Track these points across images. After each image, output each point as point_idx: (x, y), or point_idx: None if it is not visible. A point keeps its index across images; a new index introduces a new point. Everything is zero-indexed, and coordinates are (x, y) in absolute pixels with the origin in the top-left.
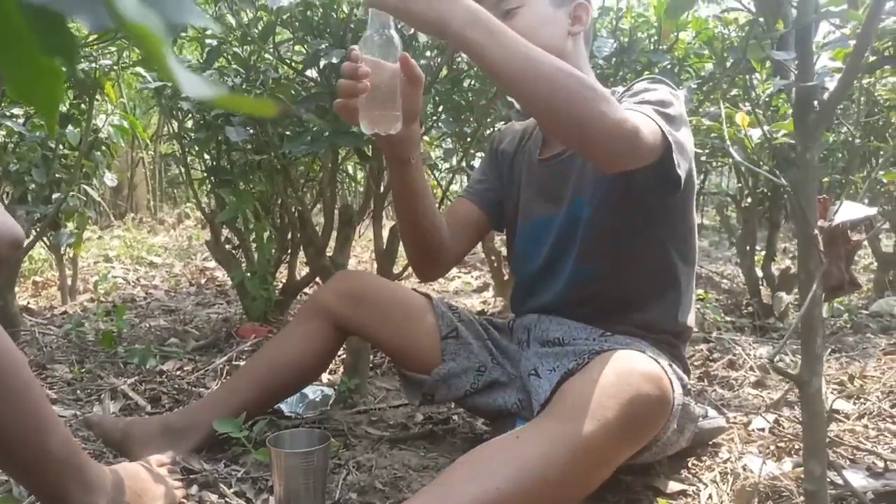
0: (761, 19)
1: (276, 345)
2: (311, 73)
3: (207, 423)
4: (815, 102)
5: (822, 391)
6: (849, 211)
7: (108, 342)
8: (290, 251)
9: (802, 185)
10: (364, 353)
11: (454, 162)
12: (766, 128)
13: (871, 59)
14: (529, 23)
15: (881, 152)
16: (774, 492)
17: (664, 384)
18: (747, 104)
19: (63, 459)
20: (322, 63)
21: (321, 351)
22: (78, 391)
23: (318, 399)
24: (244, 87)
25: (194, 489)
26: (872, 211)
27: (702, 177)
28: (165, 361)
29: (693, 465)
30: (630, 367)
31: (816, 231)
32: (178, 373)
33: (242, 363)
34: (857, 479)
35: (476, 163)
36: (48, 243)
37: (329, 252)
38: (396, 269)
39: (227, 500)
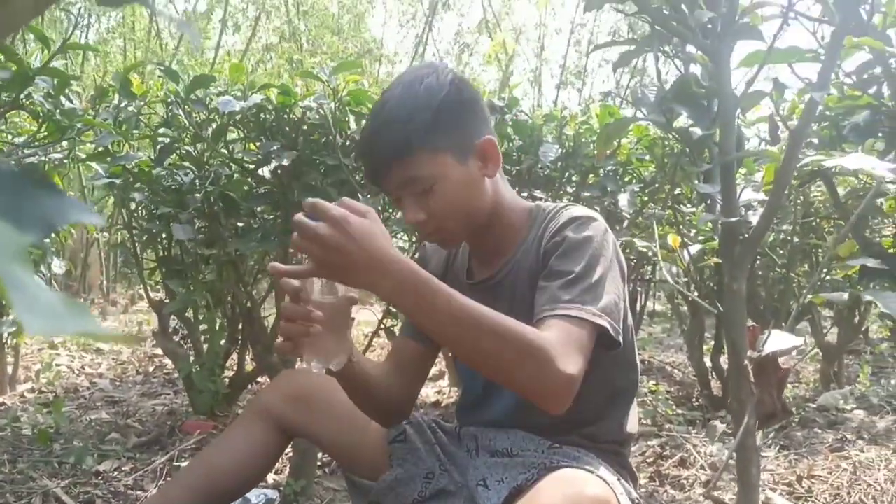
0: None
1: (215, 450)
2: (264, 171)
3: None
4: (740, 236)
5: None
6: (778, 341)
7: (44, 440)
8: (240, 343)
9: (731, 315)
10: (311, 453)
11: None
12: (695, 248)
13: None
14: (447, 196)
15: (820, 250)
16: None
17: None
18: (682, 222)
19: None
20: (273, 164)
21: (264, 455)
22: (8, 494)
23: (262, 503)
24: (196, 183)
25: None
26: (800, 341)
27: (650, 267)
28: (103, 461)
29: None
30: (580, 493)
31: (746, 361)
32: (115, 473)
33: (184, 463)
34: None
35: None
36: None
37: None
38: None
39: None
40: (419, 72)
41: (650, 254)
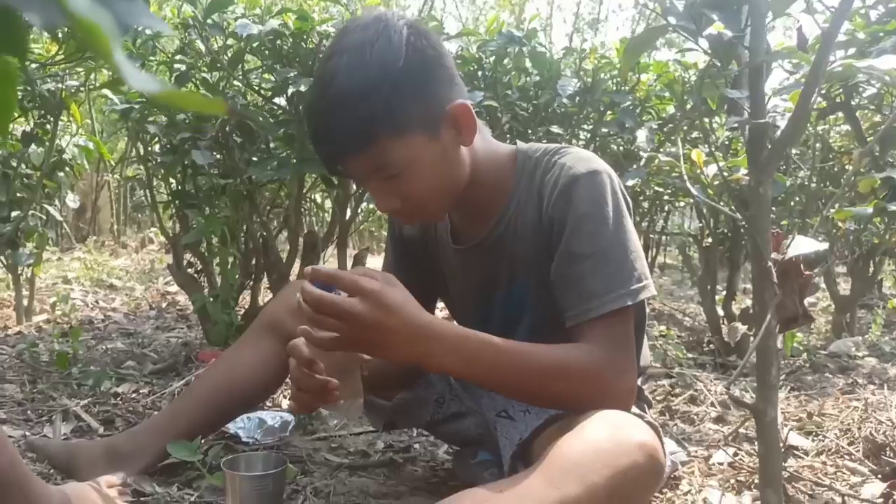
0: (716, 61)
1: (224, 363)
2: (280, 100)
3: (154, 446)
4: (768, 140)
5: (778, 421)
6: (801, 245)
7: (63, 363)
8: (253, 277)
9: (756, 219)
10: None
11: None
12: (720, 164)
13: (823, 104)
14: (423, 178)
15: (835, 196)
16: None
17: (658, 456)
18: (706, 146)
19: (8, 481)
20: (290, 91)
21: (273, 369)
22: (28, 412)
23: (276, 425)
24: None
25: None
26: (824, 245)
27: (664, 215)
28: (121, 384)
29: (654, 497)
30: (627, 435)
31: (770, 264)
32: (133, 395)
33: None
34: None
35: None
36: (5, 263)
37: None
38: None
39: None
40: (367, 32)
41: (667, 196)
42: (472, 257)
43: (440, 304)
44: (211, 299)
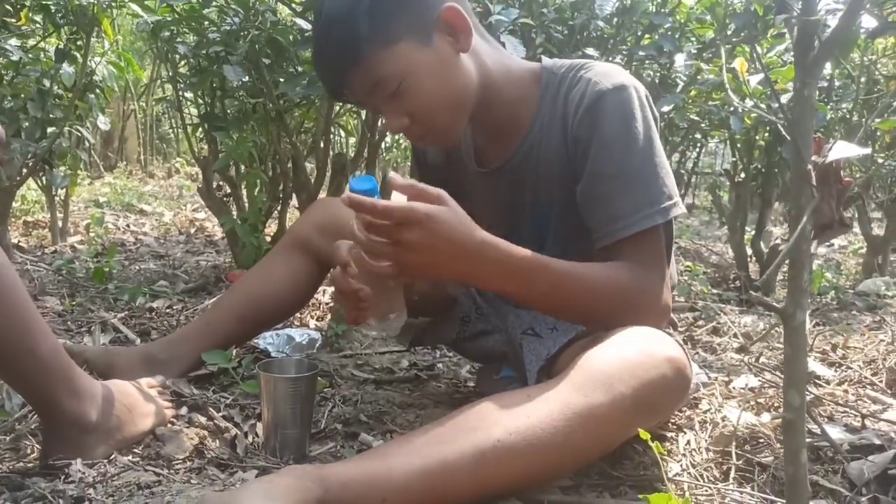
0: None
1: (254, 278)
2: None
3: (189, 355)
4: (816, 40)
5: (807, 325)
6: (843, 149)
7: (100, 278)
8: (281, 201)
9: (799, 120)
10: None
11: None
12: (766, 72)
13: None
14: (425, 90)
15: (878, 132)
16: (752, 437)
17: (686, 371)
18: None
19: (53, 366)
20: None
21: (302, 284)
22: (69, 322)
23: (304, 342)
24: (242, 27)
25: (184, 410)
26: (867, 150)
27: (695, 155)
28: (155, 300)
29: (674, 415)
30: (656, 348)
31: (810, 166)
32: (167, 310)
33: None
34: (835, 433)
35: None
36: (41, 184)
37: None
38: None
39: (216, 422)
40: None
41: (699, 152)
42: (495, 180)
43: None
44: (240, 222)
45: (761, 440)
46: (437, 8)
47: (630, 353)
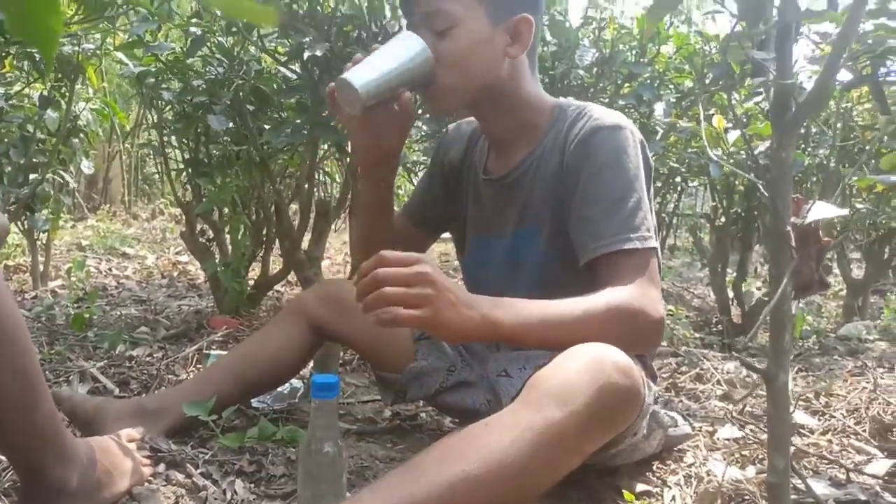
0: (742, 24)
1: (254, 341)
2: (295, 66)
3: (179, 408)
4: (792, 101)
5: (789, 386)
6: (821, 210)
7: (79, 325)
8: (264, 246)
9: (777, 182)
10: (335, 348)
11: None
12: (742, 131)
13: (849, 78)
14: (463, 45)
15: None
16: (738, 494)
17: (635, 376)
18: (726, 119)
19: (46, 431)
20: (305, 55)
21: (298, 351)
22: (47, 372)
23: (286, 391)
24: (227, 76)
25: (161, 468)
26: (844, 211)
27: (675, 197)
28: (135, 347)
29: (658, 468)
30: (602, 356)
31: (789, 228)
32: (147, 359)
33: (214, 352)
34: (820, 488)
35: None
36: (22, 228)
37: (304, 246)
38: None
39: (194, 480)
40: None
41: (680, 178)
42: (494, 189)
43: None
44: (222, 268)
45: (747, 497)
46: (519, 10)
47: (577, 365)
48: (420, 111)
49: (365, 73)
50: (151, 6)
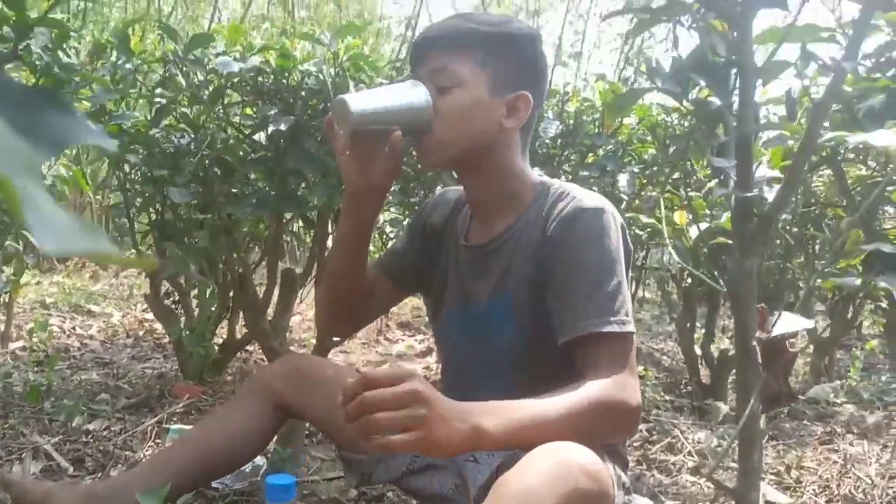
0: (702, 126)
1: (214, 420)
2: (260, 136)
3: (131, 495)
4: (755, 212)
5: (762, 442)
6: (787, 323)
7: (35, 397)
8: (231, 309)
9: (741, 295)
10: (300, 423)
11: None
12: (702, 226)
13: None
14: (462, 104)
15: (818, 241)
16: None
17: (604, 479)
18: (686, 189)
19: None
20: (271, 129)
21: (260, 430)
22: None
23: (248, 470)
24: (192, 146)
25: None
26: (811, 323)
27: (643, 253)
28: (93, 420)
29: None
30: (570, 460)
31: (755, 343)
32: (104, 433)
33: (173, 426)
34: None
35: None
36: None
37: (270, 314)
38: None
39: None
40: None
41: (645, 237)
42: (473, 255)
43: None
44: (187, 332)
45: None
46: (520, 88)
47: (544, 468)
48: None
49: (363, 98)
50: (113, 81)
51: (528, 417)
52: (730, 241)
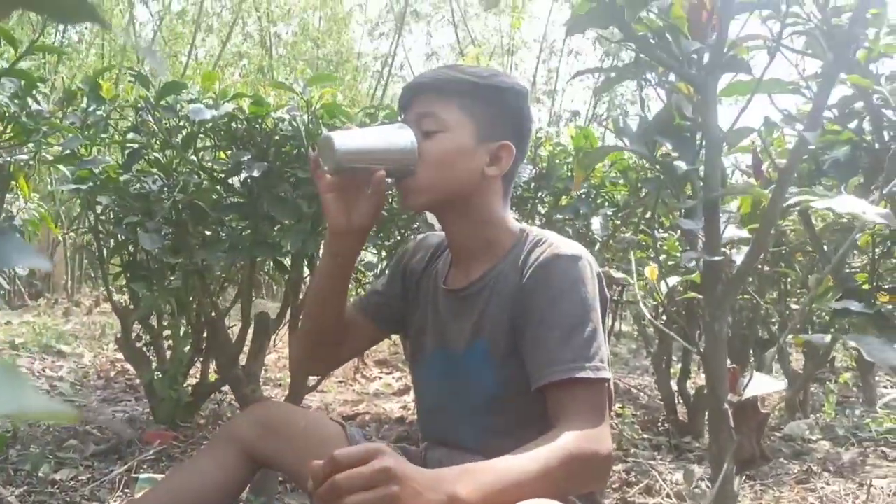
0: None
1: (184, 472)
2: (234, 181)
3: None
4: (724, 275)
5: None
6: (760, 385)
7: (0, 446)
8: (204, 352)
9: (711, 356)
10: (273, 472)
11: (376, 272)
12: (673, 280)
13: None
14: (445, 149)
15: (789, 279)
16: None
17: None
18: (658, 232)
19: None
20: (244, 175)
21: (231, 482)
22: None
23: None
24: (164, 190)
25: None
26: (782, 385)
27: (619, 288)
28: (59, 469)
29: None
30: None
31: (726, 406)
32: (71, 483)
33: (142, 474)
34: None
35: None
36: None
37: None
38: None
39: None
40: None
41: (623, 287)
42: (451, 300)
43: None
44: (158, 375)
45: None
46: (504, 138)
47: None
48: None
49: (349, 136)
50: (81, 130)
51: (503, 479)
52: (700, 297)
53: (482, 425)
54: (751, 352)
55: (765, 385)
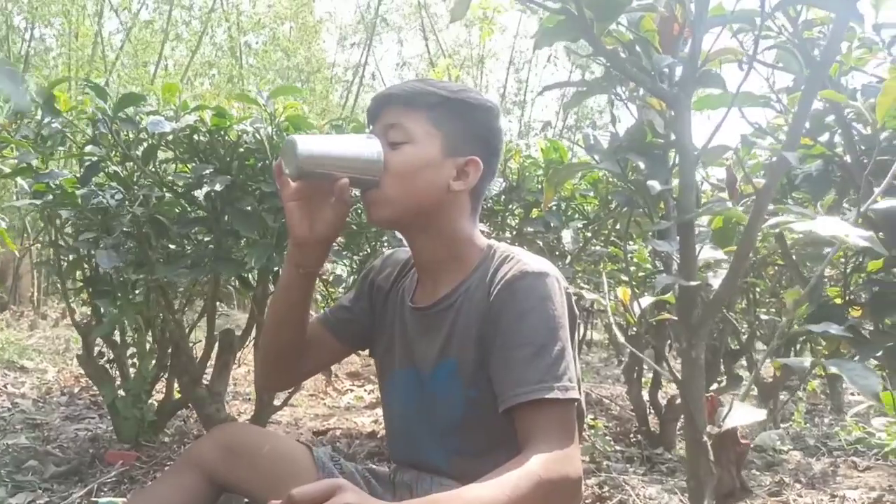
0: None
1: (143, 498)
2: (197, 194)
3: None
4: (700, 300)
5: None
6: (739, 416)
7: None
8: (168, 368)
9: (689, 384)
10: (238, 496)
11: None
12: (643, 302)
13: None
14: (410, 161)
15: (758, 289)
16: None
17: None
18: (630, 244)
19: None
20: (206, 189)
21: None
22: None
23: None
24: (124, 205)
25: None
26: (762, 415)
27: (590, 302)
28: (16, 493)
29: None
30: None
31: (706, 438)
32: None
33: (102, 498)
34: None
35: None
36: None
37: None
38: (277, 402)
39: None
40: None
41: (595, 306)
42: (418, 318)
43: None
44: (122, 393)
45: None
46: (471, 153)
47: None
48: None
49: (313, 141)
50: (35, 144)
51: None
52: (674, 318)
53: (451, 447)
54: (720, 362)
55: (745, 415)
